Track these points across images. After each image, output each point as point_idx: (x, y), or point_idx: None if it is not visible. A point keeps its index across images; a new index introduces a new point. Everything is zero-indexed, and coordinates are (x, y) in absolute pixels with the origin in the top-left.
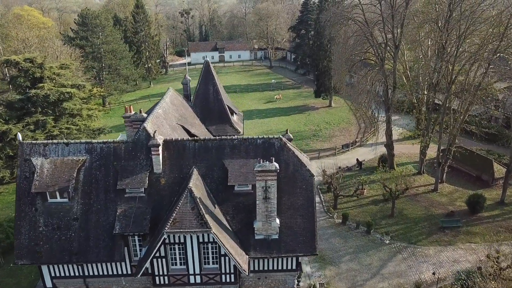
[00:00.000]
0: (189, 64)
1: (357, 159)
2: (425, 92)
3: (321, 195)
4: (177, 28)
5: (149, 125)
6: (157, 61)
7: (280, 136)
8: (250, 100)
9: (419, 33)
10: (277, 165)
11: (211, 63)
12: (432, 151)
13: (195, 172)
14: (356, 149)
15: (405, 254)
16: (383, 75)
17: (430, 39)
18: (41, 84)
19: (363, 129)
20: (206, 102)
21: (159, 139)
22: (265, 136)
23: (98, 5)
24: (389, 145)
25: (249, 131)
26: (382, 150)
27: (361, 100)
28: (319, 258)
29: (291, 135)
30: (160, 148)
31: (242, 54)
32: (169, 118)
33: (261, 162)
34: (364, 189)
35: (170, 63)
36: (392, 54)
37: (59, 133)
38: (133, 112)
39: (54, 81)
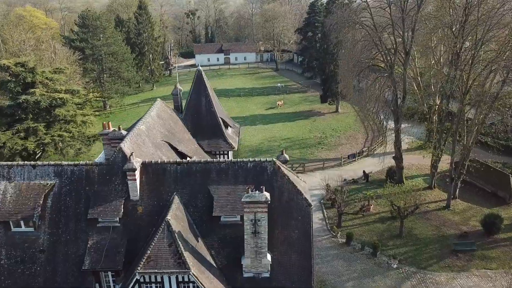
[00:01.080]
0: (194, 66)
1: (363, 171)
2: (437, 102)
3: (324, 211)
4: (182, 29)
5: (126, 145)
6: (161, 62)
7: (274, 159)
8: (254, 105)
9: (431, 38)
10: (268, 195)
11: (216, 65)
12: (444, 163)
13: (176, 199)
14: (363, 159)
15: (414, 280)
16: (392, 83)
17: (443, 45)
18: (32, 90)
19: (371, 138)
20: (198, 114)
21: (136, 163)
22: (256, 160)
23: (103, 5)
24: (398, 157)
25: (252, 137)
26: (391, 161)
27: (369, 107)
28: (320, 283)
29: (287, 156)
30: (138, 172)
31: (248, 56)
32: (153, 134)
33: (250, 191)
34: (371, 205)
35: (174, 65)
36: (402, 60)
37: (50, 140)
38: (111, 129)
39: (46, 86)
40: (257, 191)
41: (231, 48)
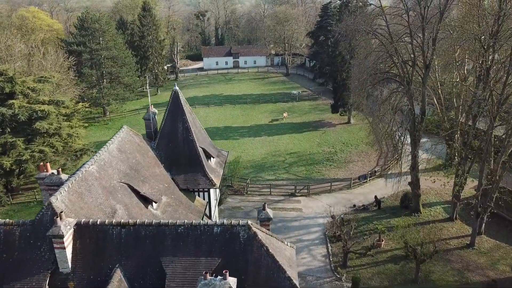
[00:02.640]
0: (202, 70)
1: (375, 197)
2: (462, 120)
3: (328, 245)
4: (192, 30)
5: (59, 198)
6: (167, 66)
7: (249, 222)
8: (260, 113)
9: (455, 50)
10: (233, 282)
11: (225, 69)
12: (467, 188)
13: (118, 274)
14: (375, 181)
15: None
16: (409, 101)
17: (468, 59)
18: (11, 101)
19: (385, 155)
20: (173, 143)
21: (65, 226)
22: (225, 223)
23: (108, 5)
24: (414, 184)
25: (255, 151)
26: (406, 184)
27: (383, 126)
28: None
29: (270, 213)
30: (69, 236)
31: (258, 60)
32: (107, 175)
33: (208, 277)
34: (382, 240)
35: (181, 69)
36: (422, 74)
37: (29, 157)
38: (49, 172)
39: (28, 96)
40: (218, 277)
41: (240, 51)
